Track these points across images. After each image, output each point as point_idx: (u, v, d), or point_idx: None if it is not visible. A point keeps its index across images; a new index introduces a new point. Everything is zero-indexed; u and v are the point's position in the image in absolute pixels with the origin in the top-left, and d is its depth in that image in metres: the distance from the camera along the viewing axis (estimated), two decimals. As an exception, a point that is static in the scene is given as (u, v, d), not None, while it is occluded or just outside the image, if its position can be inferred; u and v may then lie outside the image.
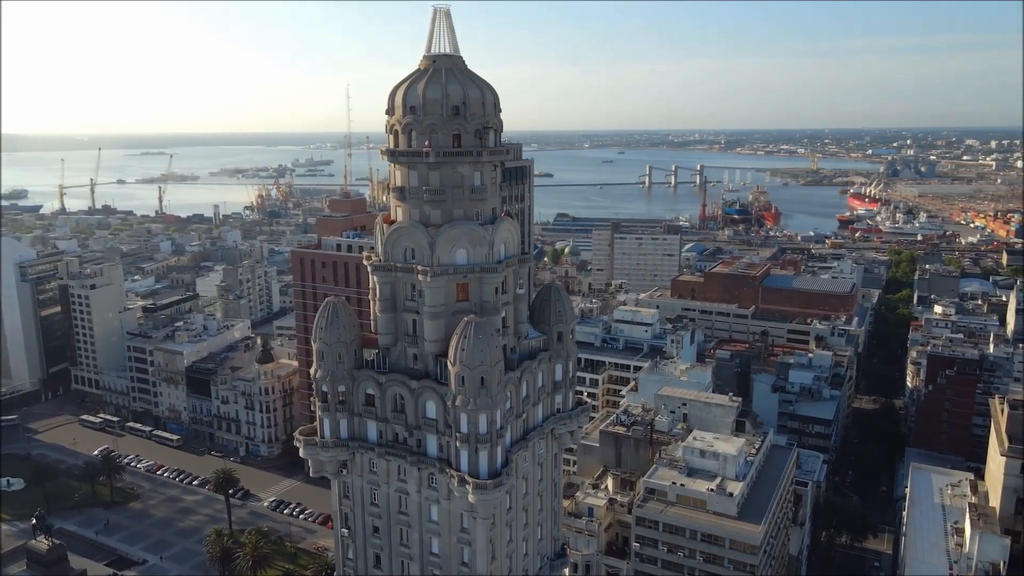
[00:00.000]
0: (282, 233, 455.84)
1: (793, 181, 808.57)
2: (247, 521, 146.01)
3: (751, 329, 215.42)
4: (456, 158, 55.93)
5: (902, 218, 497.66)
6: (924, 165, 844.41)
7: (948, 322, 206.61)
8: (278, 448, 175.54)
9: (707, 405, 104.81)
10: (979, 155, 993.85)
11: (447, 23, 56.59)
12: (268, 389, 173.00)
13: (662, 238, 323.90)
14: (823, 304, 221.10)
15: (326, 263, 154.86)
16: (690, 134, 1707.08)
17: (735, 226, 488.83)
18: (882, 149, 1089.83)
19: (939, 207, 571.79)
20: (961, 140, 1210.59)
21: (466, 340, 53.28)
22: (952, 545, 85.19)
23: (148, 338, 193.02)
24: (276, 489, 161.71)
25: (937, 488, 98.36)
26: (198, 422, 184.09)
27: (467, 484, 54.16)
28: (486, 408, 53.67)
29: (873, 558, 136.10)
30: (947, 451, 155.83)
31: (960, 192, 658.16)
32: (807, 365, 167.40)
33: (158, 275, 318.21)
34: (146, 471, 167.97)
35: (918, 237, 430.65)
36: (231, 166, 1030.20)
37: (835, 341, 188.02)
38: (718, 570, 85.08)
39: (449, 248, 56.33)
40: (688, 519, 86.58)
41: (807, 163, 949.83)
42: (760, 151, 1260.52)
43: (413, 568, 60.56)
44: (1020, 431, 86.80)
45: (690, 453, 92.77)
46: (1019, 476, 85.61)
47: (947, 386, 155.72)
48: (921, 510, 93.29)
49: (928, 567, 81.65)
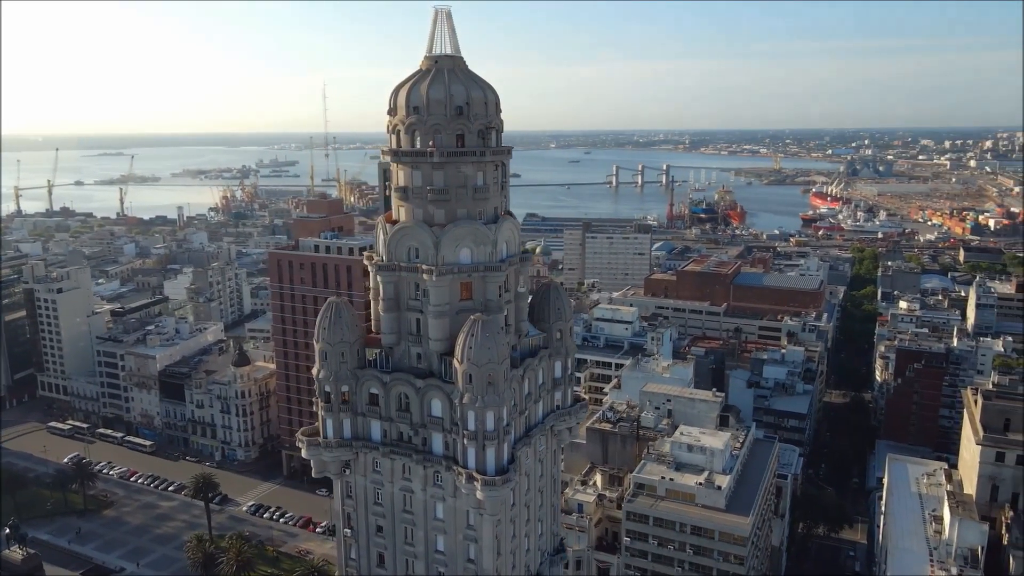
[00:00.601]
0: (249, 235, 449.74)
1: (757, 180, 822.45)
2: (226, 526, 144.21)
3: (723, 326, 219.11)
4: (460, 158, 56.39)
5: (863, 216, 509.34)
6: (882, 165, 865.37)
7: (913, 317, 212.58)
8: (255, 452, 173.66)
9: (691, 401, 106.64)
10: (933, 155, 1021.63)
11: (448, 24, 57.00)
12: (244, 392, 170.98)
13: (633, 237, 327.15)
14: (792, 301, 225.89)
15: (304, 264, 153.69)
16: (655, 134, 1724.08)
17: (702, 225, 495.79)
18: (841, 149, 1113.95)
19: (898, 206, 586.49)
20: (916, 140, 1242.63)
21: (473, 338, 53.76)
22: (931, 532, 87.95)
23: (119, 342, 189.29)
24: (254, 493, 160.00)
25: (913, 478, 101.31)
26: (172, 427, 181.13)
27: (475, 481, 54.65)
28: (494, 405, 54.22)
29: (848, 548, 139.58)
30: (916, 442, 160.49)
31: (917, 191, 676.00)
32: (780, 361, 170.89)
33: (123, 278, 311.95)
34: (119, 478, 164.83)
35: (879, 235, 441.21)
36: (193, 167, 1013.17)
37: (806, 337, 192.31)
38: (707, 562, 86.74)
39: (454, 247, 56.76)
40: (678, 512, 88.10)
41: (770, 163, 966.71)
42: (724, 151, 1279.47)
43: (418, 566, 60.82)
44: (994, 421, 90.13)
45: (678, 448, 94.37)
46: (993, 464, 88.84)
47: (915, 379, 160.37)
48: (899, 499, 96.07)
49: (908, 554, 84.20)
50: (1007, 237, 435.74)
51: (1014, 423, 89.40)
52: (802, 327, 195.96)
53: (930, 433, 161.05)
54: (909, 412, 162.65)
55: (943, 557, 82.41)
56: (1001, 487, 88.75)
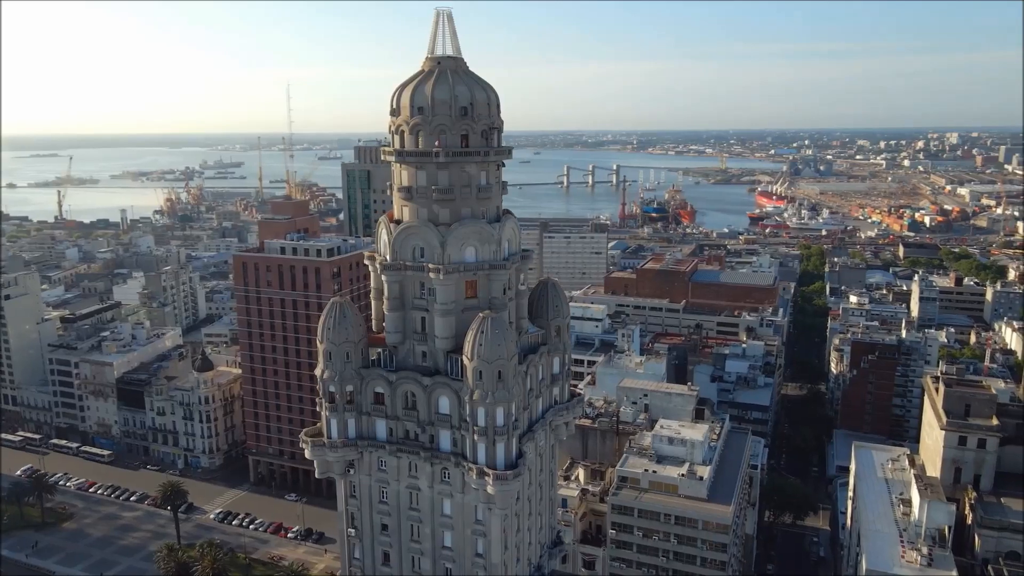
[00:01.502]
0: (198, 238, 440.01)
1: (704, 180, 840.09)
2: (194, 535, 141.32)
3: (683, 323, 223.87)
4: (464, 158, 57.13)
5: (807, 214, 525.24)
6: (823, 164, 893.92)
7: (862, 311, 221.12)
8: (220, 459, 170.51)
9: (668, 395, 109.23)
10: (870, 155, 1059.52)
11: (450, 25, 57.65)
12: (208, 398, 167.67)
13: (590, 236, 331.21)
14: (748, 297, 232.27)
15: (270, 267, 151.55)
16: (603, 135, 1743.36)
17: (654, 224, 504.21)
18: (783, 149, 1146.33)
19: (839, 203, 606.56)
20: (853, 141, 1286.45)
21: (483, 335, 54.57)
22: (899, 515, 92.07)
23: (72, 349, 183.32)
24: (221, 501, 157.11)
25: (879, 464, 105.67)
26: (131, 435, 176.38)
27: (487, 476, 55.45)
28: (504, 401, 55.13)
29: (811, 535, 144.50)
30: (871, 431, 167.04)
31: (856, 189, 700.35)
32: (741, 355, 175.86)
33: (67, 284, 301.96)
34: (77, 489, 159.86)
35: (823, 232, 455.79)
36: (134, 168, 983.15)
37: (763, 331, 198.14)
38: (691, 551, 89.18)
39: (459, 246, 57.47)
40: (662, 504, 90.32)
41: (716, 162, 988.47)
42: (671, 151, 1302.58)
43: (424, 563, 61.28)
44: (955, 407, 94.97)
45: (659, 441, 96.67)
46: (956, 448, 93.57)
47: (869, 370, 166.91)
48: (867, 484, 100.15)
49: (880, 536, 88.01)
50: (941, 233, 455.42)
51: (974, 409, 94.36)
52: (760, 322, 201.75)
53: (884, 421, 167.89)
54: (864, 402, 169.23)
55: (913, 538, 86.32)
56: (964, 469, 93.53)
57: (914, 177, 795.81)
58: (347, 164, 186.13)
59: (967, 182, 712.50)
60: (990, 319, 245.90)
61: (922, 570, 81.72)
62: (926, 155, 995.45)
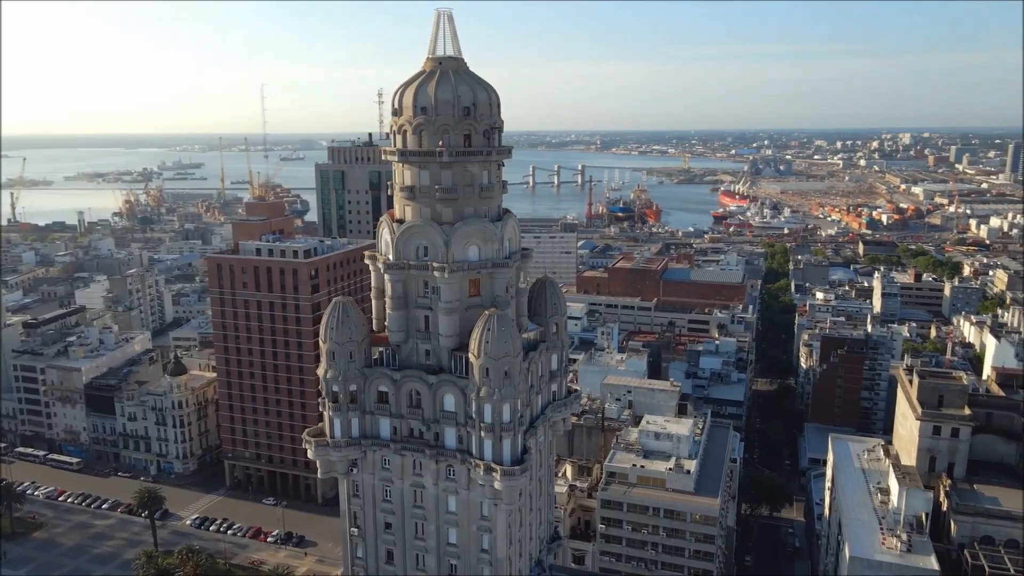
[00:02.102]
0: (160, 240, 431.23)
1: (668, 180, 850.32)
2: (170, 541, 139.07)
3: (655, 321, 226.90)
4: (467, 157, 57.64)
5: (769, 213, 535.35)
6: (782, 164, 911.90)
7: (829, 307, 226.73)
8: (193, 464, 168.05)
9: (651, 391, 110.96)
10: (827, 155, 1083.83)
11: (450, 25, 58.11)
12: (181, 403, 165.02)
13: (559, 236, 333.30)
14: (718, 295, 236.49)
15: (246, 268, 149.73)
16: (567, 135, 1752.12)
17: (620, 223, 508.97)
18: (744, 149, 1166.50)
19: (799, 202, 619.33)
20: (811, 141, 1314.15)
21: (490, 332, 55.16)
22: (877, 503, 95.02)
23: (38, 355, 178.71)
24: (197, 506, 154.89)
25: (855, 454, 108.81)
26: (100, 442, 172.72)
27: (494, 472, 56.02)
28: (510, 397, 55.79)
29: (787, 526, 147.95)
30: (840, 423, 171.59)
31: (815, 189, 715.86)
32: (715, 352, 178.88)
33: (25, 288, 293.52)
34: (46, 498, 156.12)
35: (785, 231, 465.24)
36: (89, 170, 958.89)
37: (735, 328, 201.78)
38: (680, 543, 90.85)
39: (463, 245, 57.95)
40: (650, 497, 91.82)
41: (679, 162, 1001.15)
42: (634, 151, 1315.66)
43: (429, 560, 61.60)
44: (929, 398, 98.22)
45: (645, 436, 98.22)
46: (931, 437, 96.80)
47: (839, 364, 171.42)
48: (845, 475, 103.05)
49: (860, 525, 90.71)
50: (898, 231, 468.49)
51: (947, 399, 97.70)
52: (731, 319, 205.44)
53: (853, 414, 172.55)
54: (833, 395, 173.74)
55: (892, 525, 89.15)
56: (938, 458, 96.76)
57: (870, 176, 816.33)
58: (321, 164, 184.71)
59: (920, 181, 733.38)
60: (948, 314, 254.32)
61: (902, 556, 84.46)
62: (881, 155, 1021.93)
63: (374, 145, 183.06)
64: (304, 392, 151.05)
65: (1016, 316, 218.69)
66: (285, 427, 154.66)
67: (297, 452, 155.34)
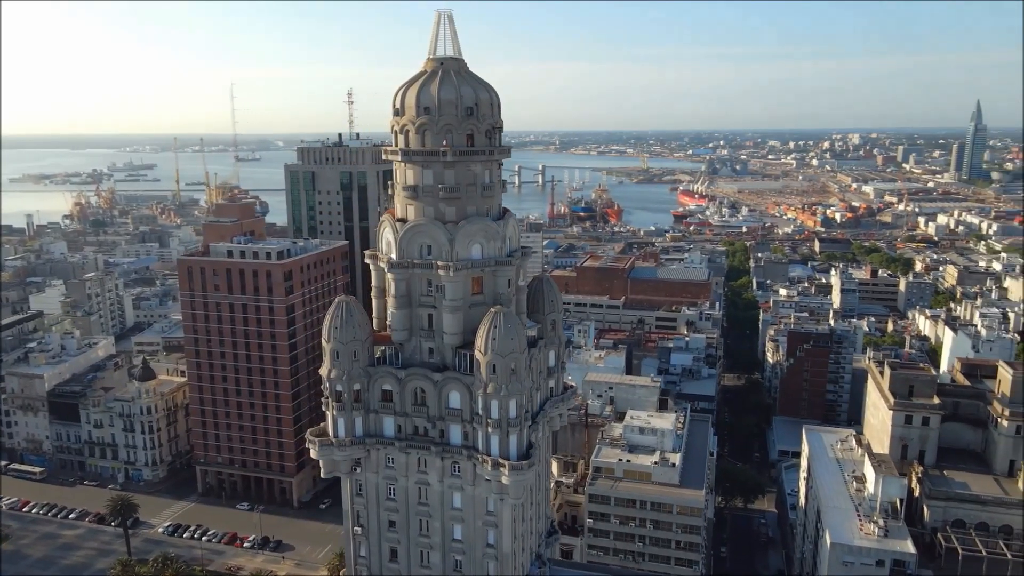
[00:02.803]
0: (115, 243, 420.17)
1: (627, 179, 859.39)
2: (144, 550, 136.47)
3: (623, 319, 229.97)
4: (470, 157, 58.22)
5: (727, 212, 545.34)
6: (738, 164, 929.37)
7: (792, 303, 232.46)
8: (163, 471, 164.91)
9: (632, 387, 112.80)
10: (780, 155, 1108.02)
11: (450, 26, 58.64)
12: (150, 408, 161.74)
13: (525, 236, 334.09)
14: (684, 292, 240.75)
15: (218, 271, 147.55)
16: (526, 135, 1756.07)
17: (582, 223, 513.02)
18: (700, 149, 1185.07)
19: (756, 201, 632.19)
20: (765, 141, 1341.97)
21: (496, 329, 55.84)
22: (853, 491, 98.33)
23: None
24: (168, 513, 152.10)
25: (828, 445, 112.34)
26: (65, 451, 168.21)
27: (502, 467, 56.69)
28: (516, 393, 56.55)
29: (759, 517, 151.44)
30: (807, 416, 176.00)
31: (770, 188, 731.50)
32: (685, 348, 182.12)
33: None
34: (10, 509, 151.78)
35: (743, 229, 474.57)
36: (35, 171, 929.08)
37: (703, 325, 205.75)
38: (667, 535, 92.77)
39: (467, 244, 58.53)
40: (637, 491, 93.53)
41: (637, 162, 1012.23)
42: (593, 151, 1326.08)
43: (434, 557, 61.96)
44: (901, 388, 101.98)
45: (630, 431, 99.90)
46: (903, 426, 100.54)
47: (805, 358, 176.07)
48: (821, 465, 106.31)
49: (838, 512, 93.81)
50: (851, 228, 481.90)
51: (917, 389, 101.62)
52: (699, 316, 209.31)
53: (819, 407, 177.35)
54: (801, 388, 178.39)
55: (868, 511, 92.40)
56: (910, 446, 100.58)
57: (823, 176, 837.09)
58: (290, 165, 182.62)
59: (870, 180, 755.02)
60: (904, 308, 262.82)
61: (880, 541, 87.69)
62: (832, 155, 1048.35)
63: (344, 145, 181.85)
64: (279, 395, 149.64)
65: (968, 310, 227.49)
66: (260, 431, 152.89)
67: (272, 456, 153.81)
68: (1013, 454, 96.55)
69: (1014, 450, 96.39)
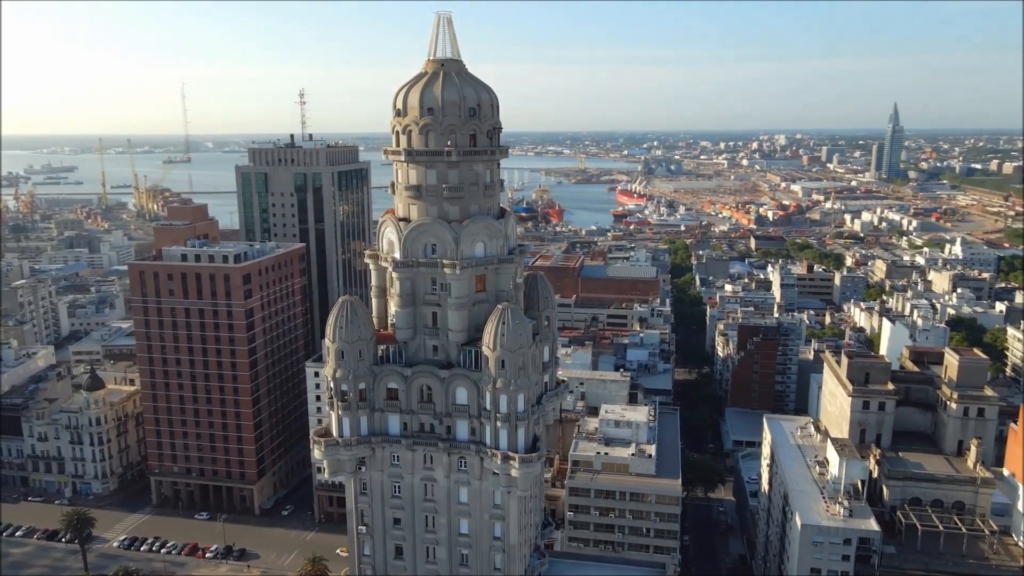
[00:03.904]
0: (39, 249, 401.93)
1: (566, 180, 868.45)
2: (99, 565, 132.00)
3: (575, 317, 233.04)
4: (473, 157, 59.11)
5: (666, 211, 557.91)
6: (673, 164, 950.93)
7: (738, 298, 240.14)
8: (114, 483, 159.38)
9: (603, 382, 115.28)
10: (712, 155, 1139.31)
11: (449, 28, 59.40)
12: (99, 419, 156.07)
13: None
14: (633, 290, 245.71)
15: (172, 275, 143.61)
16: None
17: (524, 223, 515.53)
18: (635, 150, 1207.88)
19: (692, 200, 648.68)
20: (697, 142, 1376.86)
21: (505, 326, 56.91)
22: (816, 475, 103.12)
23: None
24: (122, 527, 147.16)
25: (789, 433, 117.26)
26: (6, 466, 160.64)
27: (511, 460, 57.76)
28: (525, 387, 57.78)
29: (718, 505, 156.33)
30: (758, 407, 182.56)
31: (705, 187, 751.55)
32: (640, 344, 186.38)
33: None
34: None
35: (682, 228, 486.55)
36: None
37: (655, 321, 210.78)
38: (646, 524, 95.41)
39: (471, 242, 59.41)
40: (616, 483, 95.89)
41: (575, 163, 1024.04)
42: (531, 152, 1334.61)
43: (440, 552, 62.53)
44: (857, 376, 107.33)
45: (606, 425, 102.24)
46: (861, 412, 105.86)
47: (755, 351, 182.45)
48: (784, 452, 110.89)
49: (805, 495, 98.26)
50: (783, 226, 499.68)
51: (873, 376, 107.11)
52: (650, 312, 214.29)
53: (768, 397, 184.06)
54: (751, 380, 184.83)
55: (832, 493, 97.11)
56: (868, 430, 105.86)
57: (753, 175, 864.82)
58: (241, 167, 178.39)
59: (798, 179, 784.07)
60: (839, 301, 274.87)
61: (846, 520, 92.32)
62: (761, 155, 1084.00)
63: (297, 147, 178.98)
64: (239, 401, 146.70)
65: (900, 302, 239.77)
66: (219, 438, 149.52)
67: (232, 463, 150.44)
68: (961, 434, 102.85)
69: (962, 431, 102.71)
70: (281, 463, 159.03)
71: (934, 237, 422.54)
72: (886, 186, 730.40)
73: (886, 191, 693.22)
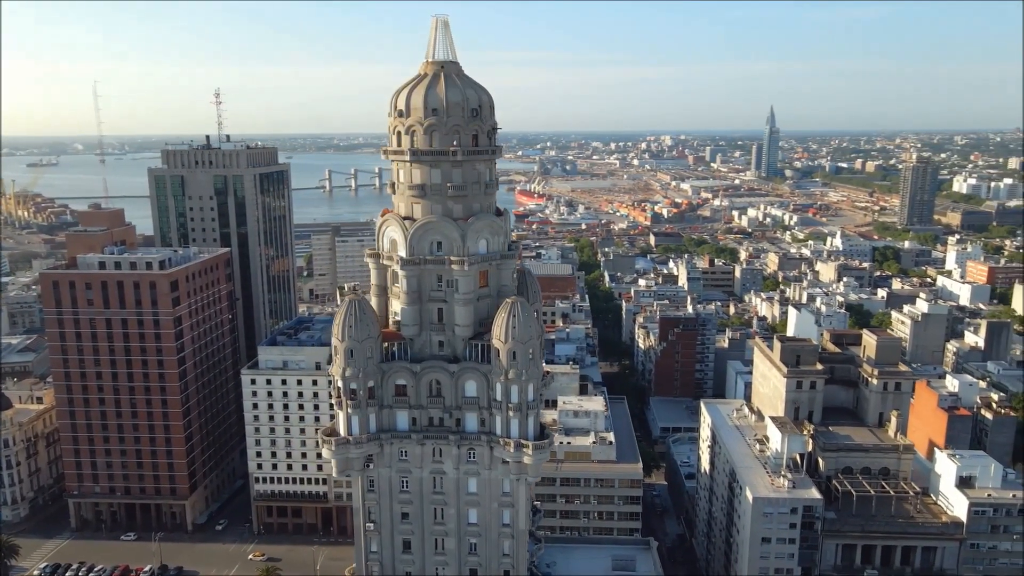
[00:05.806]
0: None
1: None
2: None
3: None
4: (476, 156, 60.68)
5: (566, 210, 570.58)
6: (568, 164, 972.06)
7: (651, 292, 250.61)
8: (25, 508, 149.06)
9: (552, 375, 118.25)
10: (604, 155, 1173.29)
11: (446, 31, 60.73)
12: (8, 441, 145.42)
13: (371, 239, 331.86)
14: (552, 287, 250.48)
15: (90, 284, 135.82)
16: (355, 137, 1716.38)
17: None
18: (530, 150, 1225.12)
19: (589, 199, 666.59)
20: (588, 143, 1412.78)
21: (515, 318, 58.84)
22: (757, 452, 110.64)
23: None
24: (40, 553, 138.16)
25: (725, 415, 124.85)
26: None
27: (524, 448, 59.73)
28: (535, 377, 59.95)
29: (653, 490, 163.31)
30: (680, 395, 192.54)
31: (600, 186, 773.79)
32: (567, 339, 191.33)
33: None
34: None
35: (583, 226, 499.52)
36: None
37: (576, 316, 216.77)
38: (610, 507, 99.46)
39: (476, 239, 60.95)
40: (580, 470, 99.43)
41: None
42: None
43: (449, 543, 63.60)
44: (789, 359, 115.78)
45: (565, 415, 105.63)
46: (795, 391, 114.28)
47: (677, 341, 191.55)
48: (725, 432, 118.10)
49: (751, 471, 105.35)
50: (677, 223, 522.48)
51: (803, 358, 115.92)
52: (572, 308, 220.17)
53: (689, 385, 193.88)
54: (673, 370, 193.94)
55: (775, 468, 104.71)
56: (800, 408, 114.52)
57: (644, 175, 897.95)
58: (155, 169, 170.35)
59: (686, 178, 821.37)
60: (740, 292, 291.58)
61: (791, 492, 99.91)
62: (650, 155, 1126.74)
63: (215, 148, 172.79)
64: (168, 413, 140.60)
65: (796, 291, 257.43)
66: (145, 453, 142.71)
67: (160, 479, 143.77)
68: (882, 407, 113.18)
69: (883, 404, 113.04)
70: (212, 476, 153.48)
71: (814, 231, 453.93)
72: (766, 184, 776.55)
73: (767, 188, 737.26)
